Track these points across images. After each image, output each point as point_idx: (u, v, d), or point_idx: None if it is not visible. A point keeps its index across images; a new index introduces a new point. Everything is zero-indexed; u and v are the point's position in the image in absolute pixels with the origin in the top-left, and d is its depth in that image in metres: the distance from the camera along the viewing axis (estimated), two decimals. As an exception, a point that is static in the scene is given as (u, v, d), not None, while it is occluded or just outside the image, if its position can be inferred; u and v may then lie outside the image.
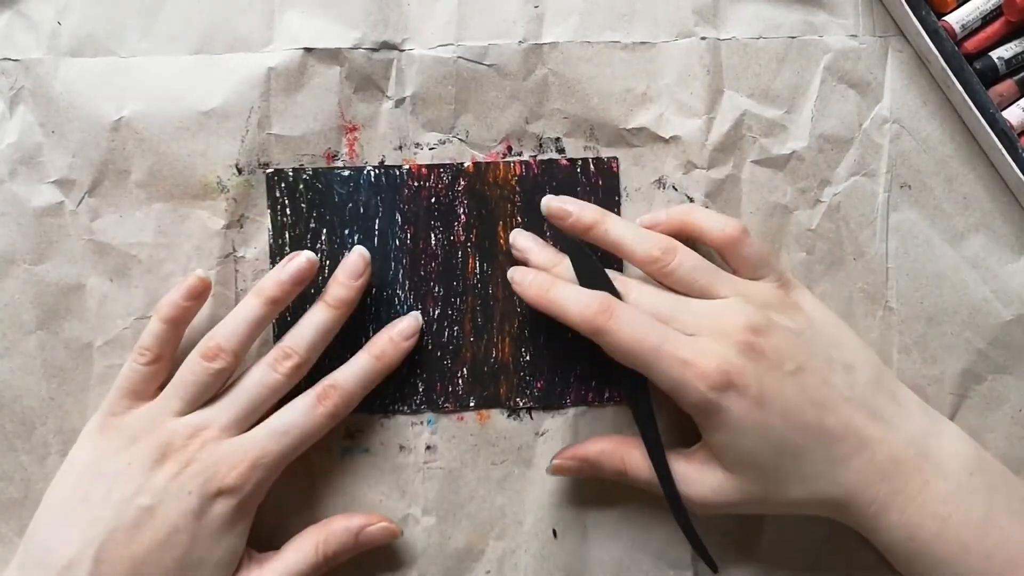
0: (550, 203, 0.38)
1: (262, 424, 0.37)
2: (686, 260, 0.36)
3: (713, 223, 0.38)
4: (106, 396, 0.38)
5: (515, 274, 0.38)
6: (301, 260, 0.38)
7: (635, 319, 0.34)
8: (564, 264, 0.38)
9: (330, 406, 0.37)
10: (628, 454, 0.37)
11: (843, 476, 0.35)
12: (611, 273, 0.37)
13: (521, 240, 0.40)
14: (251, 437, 0.36)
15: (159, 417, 0.36)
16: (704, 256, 0.37)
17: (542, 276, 0.37)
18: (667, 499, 0.36)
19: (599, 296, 0.35)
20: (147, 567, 0.34)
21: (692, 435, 0.37)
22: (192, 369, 0.37)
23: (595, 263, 0.37)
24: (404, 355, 0.39)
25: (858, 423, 0.35)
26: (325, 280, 0.40)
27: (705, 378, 0.33)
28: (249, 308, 0.37)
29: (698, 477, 0.36)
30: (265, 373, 0.37)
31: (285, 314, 0.40)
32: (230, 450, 0.36)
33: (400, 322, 0.40)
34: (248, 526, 0.37)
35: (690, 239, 0.38)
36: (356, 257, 0.39)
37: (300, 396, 0.37)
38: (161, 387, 0.37)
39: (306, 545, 0.37)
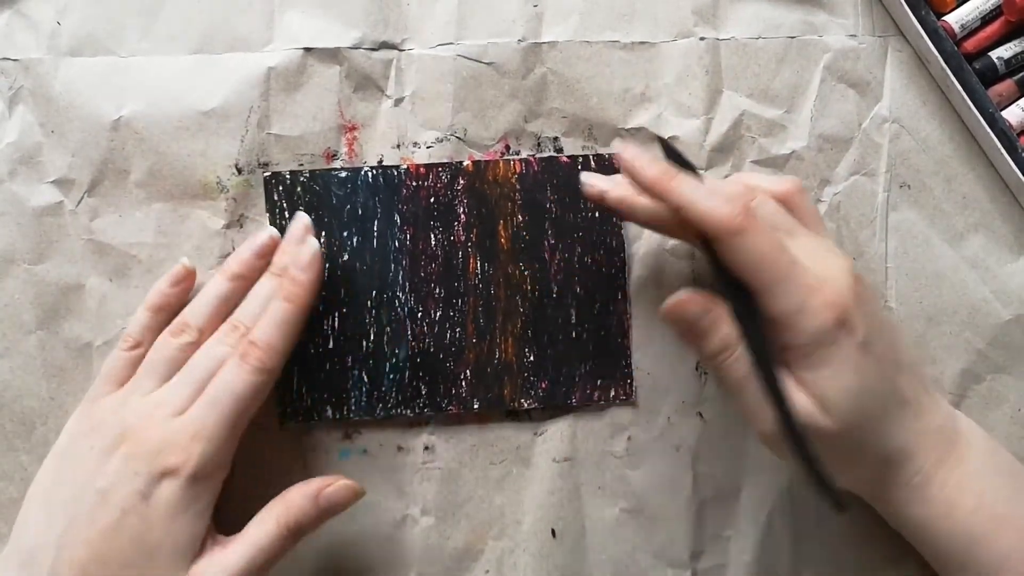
0: (625, 151, 0.35)
1: (198, 399, 0.36)
2: (767, 206, 0.35)
3: (770, 181, 0.36)
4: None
5: (625, 153, 0.34)
6: (263, 236, 0.38)
7: (769, 229, 0.32)
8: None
9: (253, 361, 0.35)
10: (738, 347, 0.35)
11: (903, 437, 0.35)
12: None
13: (593, 178, 0.36)
14: (189, 413, 0.35)
15: (126, 398, 0.36)
16: None
17: (663, 164, 0.34)
18: (780, 418, 0.33)
19: (739, 193, 0.33)
20: (105, 551, 0.34)
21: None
22: (159, 346, 0.37)
23: (697, 173, 0.34)
24: (311, 287, 0.37)
25: (918, 389, 0.35)
26: (324, 278, 0.40)
27: (831, 308, 0.32)
28: (214, 285, 0.38)
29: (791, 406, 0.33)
30: (213, 347, 0.37)
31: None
32: (173, 429, 0.35)
33: (297, 251, 0.38)
34: (208, 507, 0.36)
35: None
36: (298, 224, 0.39)
37: (227, 361, 0.36)
38: None
39: (266, 520, 0.36)
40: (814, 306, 0.32)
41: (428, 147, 0.41)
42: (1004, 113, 0.40)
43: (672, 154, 0.35)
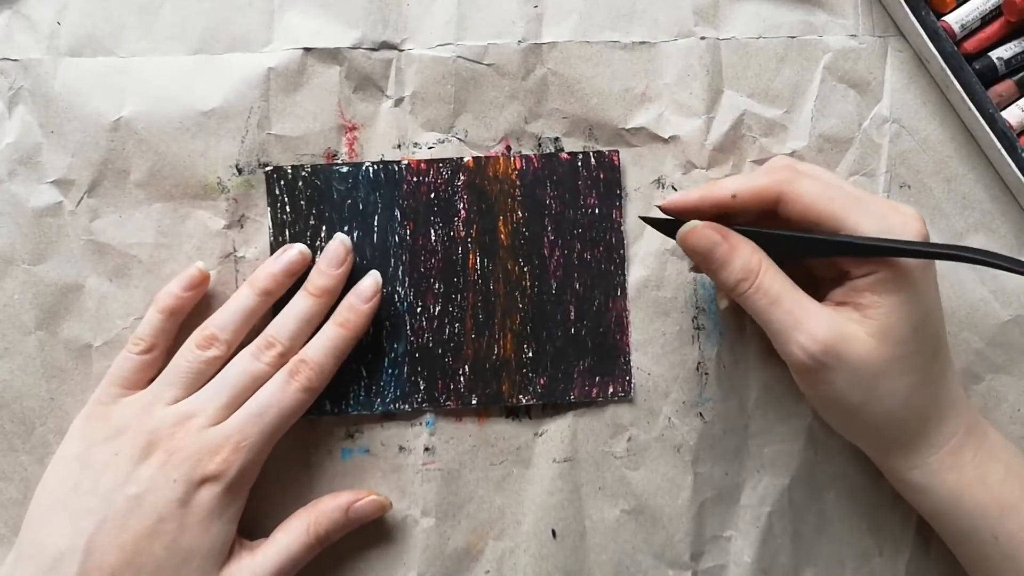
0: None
1: (240, 409, 0.37)
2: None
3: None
4: (98, 387, 0.38)
5: (668, 203, 0.36)
6: (293, 253, 0.39)
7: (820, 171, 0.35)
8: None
9: (303, 380, 0.37)
10: (767, 260, 0.34)
11: (947, 394, 0.35)
12: None
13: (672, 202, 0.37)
14: (231, 423, 0.36)
15: (149, 406, 0.37)
16: None
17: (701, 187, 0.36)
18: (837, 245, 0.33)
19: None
20: (137, 556, 0.34)
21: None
22: (186, 357, 0.37)
23: None
24: (368, 318, 0.39)
25: (951, 354, 0.36)
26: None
27: (917, 219, 0.33)
28: (243, 299, 0.38)
29: (841, 327, 0.33)
30: (248, 362, 0.37)
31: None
32: (213, 437, 0.36)
33: (359, 285, 0.39)
34: (238, 513, 0.37)
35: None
36: (337, 245, 0.39)
37: (273, 376, 0.37)
38: (152, 380, 0.38)
39: (297, 527, 0.38)
40: (896, 222, 0.33)
41: (429, 148, 0.41)
42: (1004, 113, 0.40)
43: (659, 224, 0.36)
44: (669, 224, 0.36)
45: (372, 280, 0.39)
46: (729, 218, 0.35)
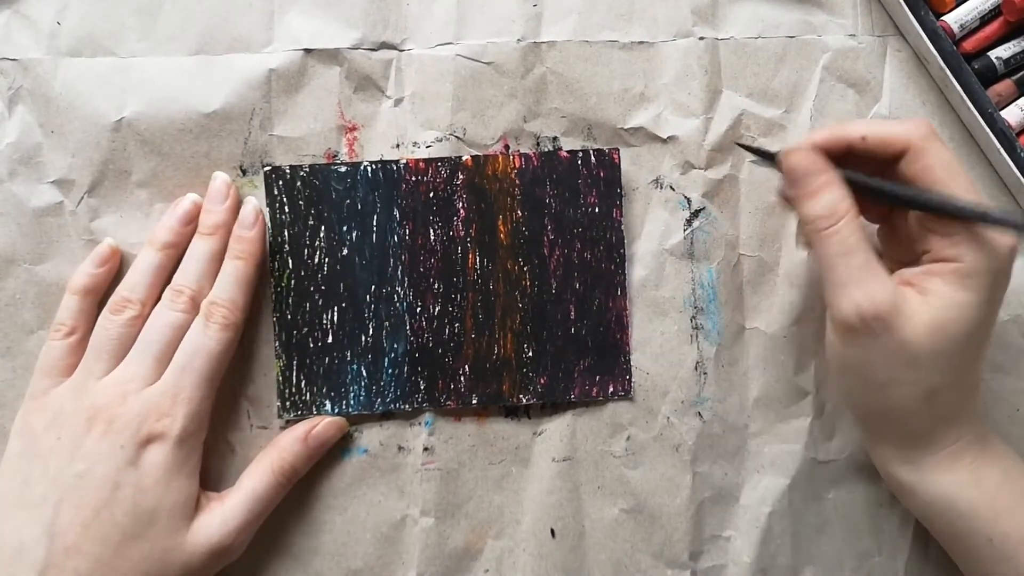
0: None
1: (169, 365, 0.37)
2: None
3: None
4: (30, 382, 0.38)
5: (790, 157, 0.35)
6: (186, 202, 0.39)
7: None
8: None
9: (219, 319, 0.37)
10: (843, 219, 0.34)
11: (968, 404, 0.35)
12: None
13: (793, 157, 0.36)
14: (164, 379, 0.37)
15: (82, 384, 0.37)
16: None
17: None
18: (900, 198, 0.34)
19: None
20: (100, 528, 0.34)
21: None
22: (104, 326, 0.37)
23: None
24: (259, 243, 0.39)
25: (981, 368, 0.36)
26: (323, 272, 0.40)
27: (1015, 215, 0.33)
28: (146, 256, 0.39)
29: (902, 301, 0.33)
30: (164, 314, 0.37)
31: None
32: (149, 397, 0.36)
33: (240, 214, 0.39)
34: (196, 466, 0.37)
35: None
36: (219, 183, 0.40)
37: (192, 324, 0.38)
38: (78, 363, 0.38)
39: (261, 468, 0.38)
40: (997, 211, 0.32)
41: (428, 147, 0.41)
42: (1003, 113, 0.40)
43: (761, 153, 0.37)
44: (768, 155, 0.35)
45: (251, 206, 0.40)
46: (846, 166, 0.34)
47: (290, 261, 0.40)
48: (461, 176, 0.41)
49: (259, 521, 0.38)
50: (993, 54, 0.41)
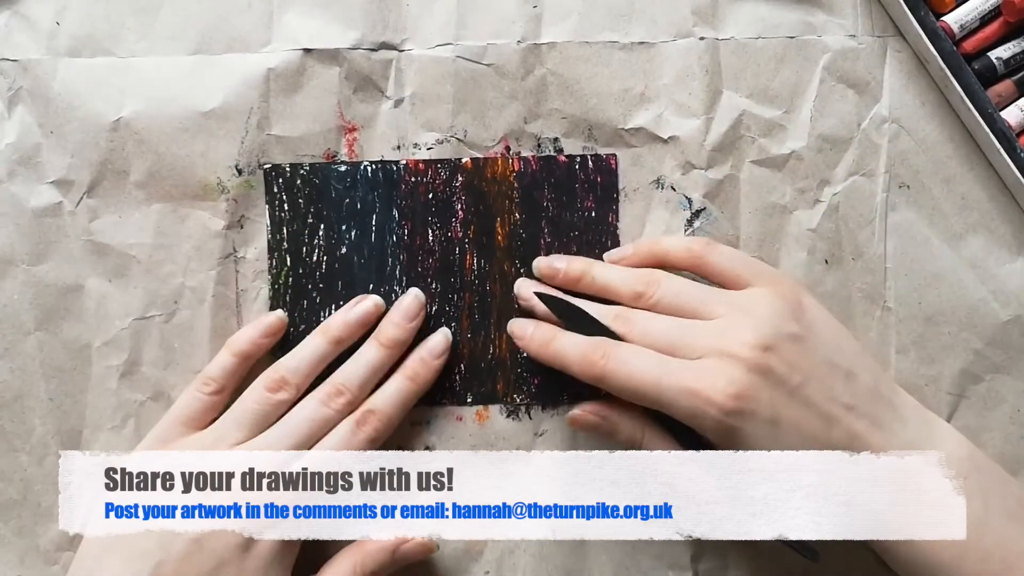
0: (539, 264, 0.40)
1: (308, 454, 0.36)
2: (670, 287, 0.37)
3: (677, 244, 0.38)
4: (158, 423, 0.38)
5: (515, 327, 0.38)
6: (368, 304, 0.39)
7: (632, 357, 0.34)
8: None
9: (369, 431, 0.37)
10: (649, 427, 0.37)
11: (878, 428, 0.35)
12: (616, 309, 0.37)
13: (524, 291, 0.39)
14: None
15: (212, 446, 0.36)
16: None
17: (543, 328, 0.37)
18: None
19: (593, 341, 0.35)
20: None
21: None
22: (255, 399, 0.37)
23: (583, 312, 0.37)
24: (437, 373, 0.39)
25: (860, 432, 0.35)
26: (322, 271, 0.40)
27: (715, 405, 0.33)
28: (314, 345, 0.38)
29: None
30: (316, 408, 0.37)
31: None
32: None
33: (429, 340, 0.40)
34: (294, 558, 0.37)
35: (665, 268, 0.38)
36: (411, 299, 0.39)
37: (340, 424, 0.37)
38: (213, 420, 0.38)
39: (344, 566, 0.37)
40: (699, 408, 0.33)
41: (429, 148, 0.41)
42: (1003, 113, 0.40)
43: (555, 305, 0.38)
44: (557, 301, 0.38)
45: (443, 336, 0.40)
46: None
47: (288, 259, 0.40)
48: (460, 178, 0.41)
49: None
50: (993, 54, 0.41)
